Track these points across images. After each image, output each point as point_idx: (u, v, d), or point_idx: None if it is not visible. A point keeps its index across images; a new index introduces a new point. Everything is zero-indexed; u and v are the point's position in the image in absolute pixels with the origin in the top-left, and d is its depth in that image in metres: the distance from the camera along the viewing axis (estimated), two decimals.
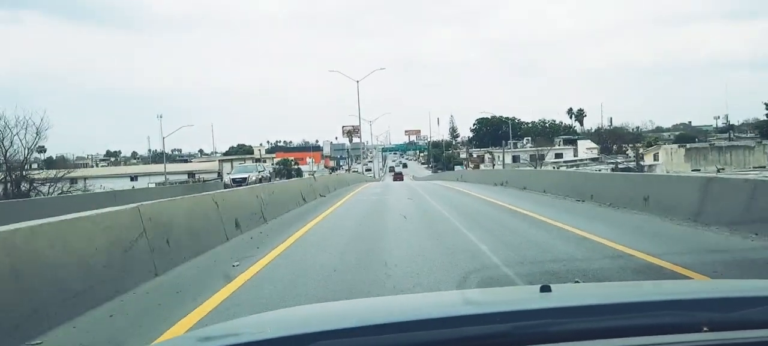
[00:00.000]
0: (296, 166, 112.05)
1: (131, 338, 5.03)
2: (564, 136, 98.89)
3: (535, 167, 65.01)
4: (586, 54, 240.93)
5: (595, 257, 7.95)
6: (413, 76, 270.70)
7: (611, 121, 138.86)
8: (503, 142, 77.25)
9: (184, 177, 65.71)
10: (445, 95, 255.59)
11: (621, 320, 1.53)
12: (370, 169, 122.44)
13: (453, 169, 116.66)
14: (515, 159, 78.94)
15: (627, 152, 66.38)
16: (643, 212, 12.63)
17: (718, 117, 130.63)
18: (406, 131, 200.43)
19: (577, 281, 4.37)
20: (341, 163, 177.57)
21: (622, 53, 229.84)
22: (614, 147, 72.68)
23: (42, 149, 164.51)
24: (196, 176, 66.72)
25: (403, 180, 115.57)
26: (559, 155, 77.84)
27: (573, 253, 8.36)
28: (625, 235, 9.82)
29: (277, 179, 51.16)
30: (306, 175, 73.66)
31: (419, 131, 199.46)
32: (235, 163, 76.46)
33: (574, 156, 79.35)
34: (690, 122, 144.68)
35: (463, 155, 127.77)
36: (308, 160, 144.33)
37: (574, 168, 51.79)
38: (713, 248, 8.52)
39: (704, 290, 2.23)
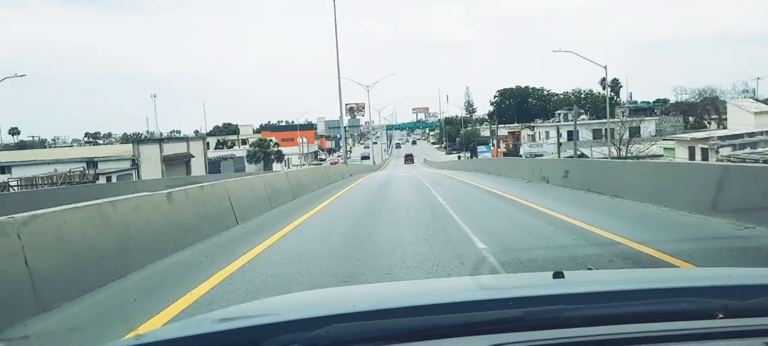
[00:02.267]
0: (276, 149, 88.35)
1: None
2: (629, 106, 73.99)
3: (619, 153, 41.10)
4: (590, 31, 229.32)
5: None
6: (418, 57, 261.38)
7: (631, 96, 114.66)
8: (573, 109, 52.49)
9: (80, 168, 42.02)
10: (451, 76, 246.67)
11: (634, 307, 1.50)
12: (367, 157, 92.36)
13: (475, 151, 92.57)
14: (571, 136, 54.61)
15: None
16: None
17: (747, 90, 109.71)
18: (413, 109, 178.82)
19: (590, 268, 3.78)
20: (341, 144, 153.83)
21: (627, 30, 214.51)
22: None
23: (15, 131, 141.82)
24: (98, 167, 42.82)
25: (413, 162, 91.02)
26: (634, 131, 53.30)
27: None
28: None
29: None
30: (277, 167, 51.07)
31: (427, 109, 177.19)
32: (168, 146, 52.95)
33: (657, 131, 54.82)
34: (715, 97, 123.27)
35: (484, 133, 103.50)
36: (299, 140, 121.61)
37: None
38: None
39: (719, 277, 2.08)
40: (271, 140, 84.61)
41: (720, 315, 1.43)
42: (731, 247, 6.78)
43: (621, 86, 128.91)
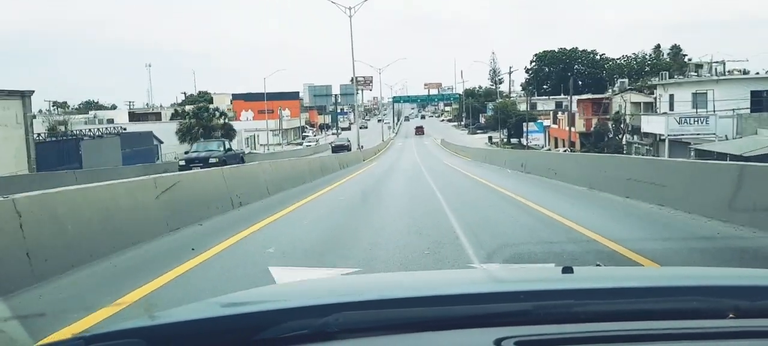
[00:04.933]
0: (223, 122, 59.53)
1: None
2: None
3: None
4: (601, 12, 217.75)
5: None
6: (430, 32, 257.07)
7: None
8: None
9: None
10: (466, 53, 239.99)
11: (644, 304, 1.46)
12: (345, 146, 52.39)
13: (520, 131, 63.18)
14: (761, 103, 25.35)
15: None
16: None
17: None
18: (425, 84, 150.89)
19: (598, 264, 3.32)
20: (340, 118, 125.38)
21: (640, 11, 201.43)
22: None
23: None
24: None
25: (423, 134, 66.00)
26: None
27: None
28: None
29: None
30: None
31: (440, 84, 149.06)
32: None
33: None
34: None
35: (519, 105, 73.66)
36: (280, 112, 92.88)
37: None
38: None
39: (731, 276, 2.04)
40: (215, 109, 55.33)
41: (731, 315, 1.38)
42: None
43: (684, 54, 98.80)
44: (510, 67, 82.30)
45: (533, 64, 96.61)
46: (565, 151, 37.39)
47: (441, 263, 5.58)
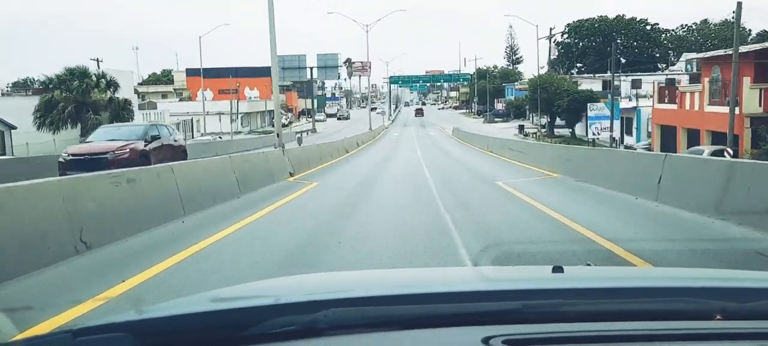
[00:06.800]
0: (110, 96, 38.03)
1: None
2: None
3: None
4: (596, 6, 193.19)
5: None
6: (432, 21, 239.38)
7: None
8: None
9: None
10: (470, 45, 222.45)
11: (632, 304, 1.46)
12: (94, 155, 14.04)
13: (575, 120, 42.31)
14: None
15: None
16: None
17: None
18: (427, 71, 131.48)
19: (589, 264, 3.22)
20: (328, 103, 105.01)
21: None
22: None
23: None
24: None
25: (422, 115, 26.04)
26: None
27: None
28: None
29: None
30: None
31: (442, 72, 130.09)
32: None
33: None
34: None
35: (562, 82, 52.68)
36: (247, 93, 72.88)
37: None
38: None
39: (718, 278, 2.03)
40: (100, 76, 33.97)
41: (718, 316, 1.38)
42: None
43: (744, 28, 77.59)
44: (550, 29, 60.75)
45: (565, 37, 75.55)
46: (728, 152, 16.84)
47: None
